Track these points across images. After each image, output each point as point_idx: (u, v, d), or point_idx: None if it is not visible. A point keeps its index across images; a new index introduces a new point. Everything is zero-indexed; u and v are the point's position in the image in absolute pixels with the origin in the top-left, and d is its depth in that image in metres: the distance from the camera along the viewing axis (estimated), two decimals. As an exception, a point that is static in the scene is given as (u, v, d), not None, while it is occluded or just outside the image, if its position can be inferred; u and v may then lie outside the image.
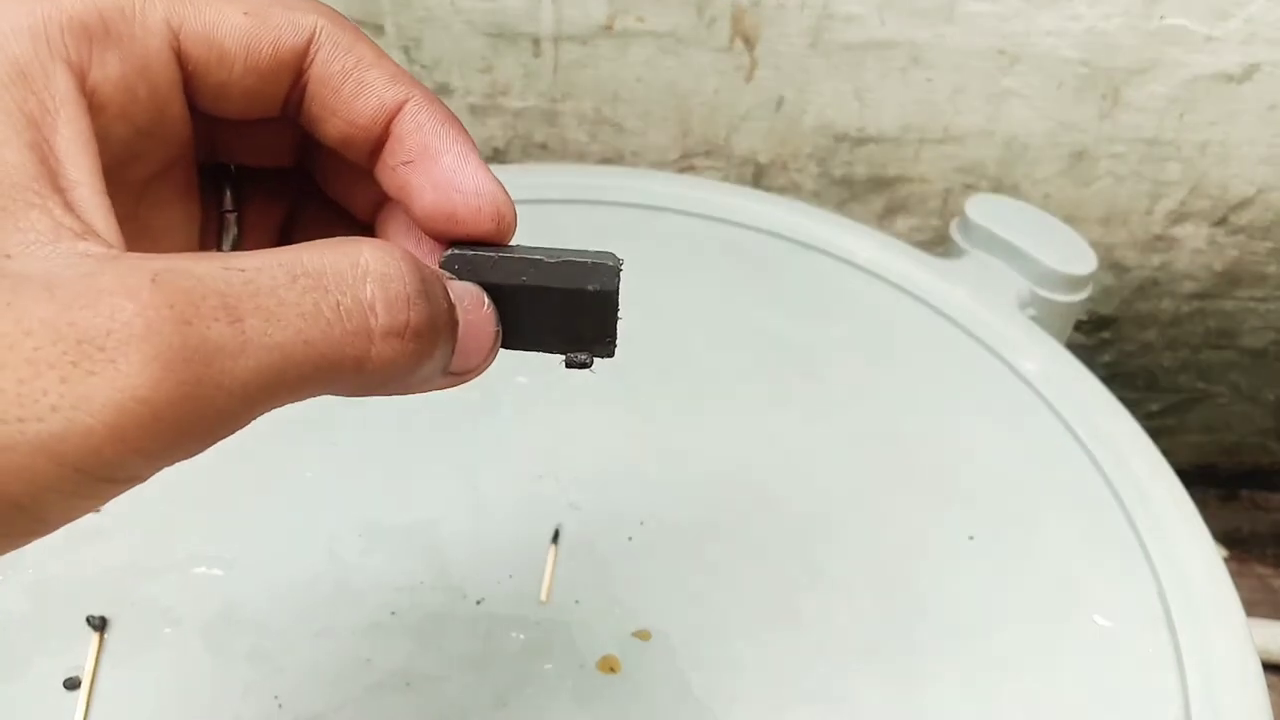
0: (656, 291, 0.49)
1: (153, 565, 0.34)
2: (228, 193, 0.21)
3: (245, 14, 0.17)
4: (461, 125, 0.19)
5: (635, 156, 0.67)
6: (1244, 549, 0.90)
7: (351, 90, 0.18)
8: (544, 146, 0.66)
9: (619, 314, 0.20)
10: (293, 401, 0.15)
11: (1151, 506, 0.40)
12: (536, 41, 0.60)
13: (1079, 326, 0.79)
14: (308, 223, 0.22)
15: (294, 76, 0.18)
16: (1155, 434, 0.44)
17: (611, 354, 0.20)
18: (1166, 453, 0.42)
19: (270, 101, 0.19)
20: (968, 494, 0.40)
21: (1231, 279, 0.76)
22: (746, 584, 0.36)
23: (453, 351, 0.18)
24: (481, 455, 0.40)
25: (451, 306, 0.17)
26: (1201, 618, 0.36)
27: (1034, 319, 0.50)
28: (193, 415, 0.14)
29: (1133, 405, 0.45)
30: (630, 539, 0.37)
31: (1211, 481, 0.94)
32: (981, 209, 0.54)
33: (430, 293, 0.17)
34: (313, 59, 0.18)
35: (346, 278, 0.15)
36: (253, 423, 0.15)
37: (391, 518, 0.37)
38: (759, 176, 0.69)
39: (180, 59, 0.17)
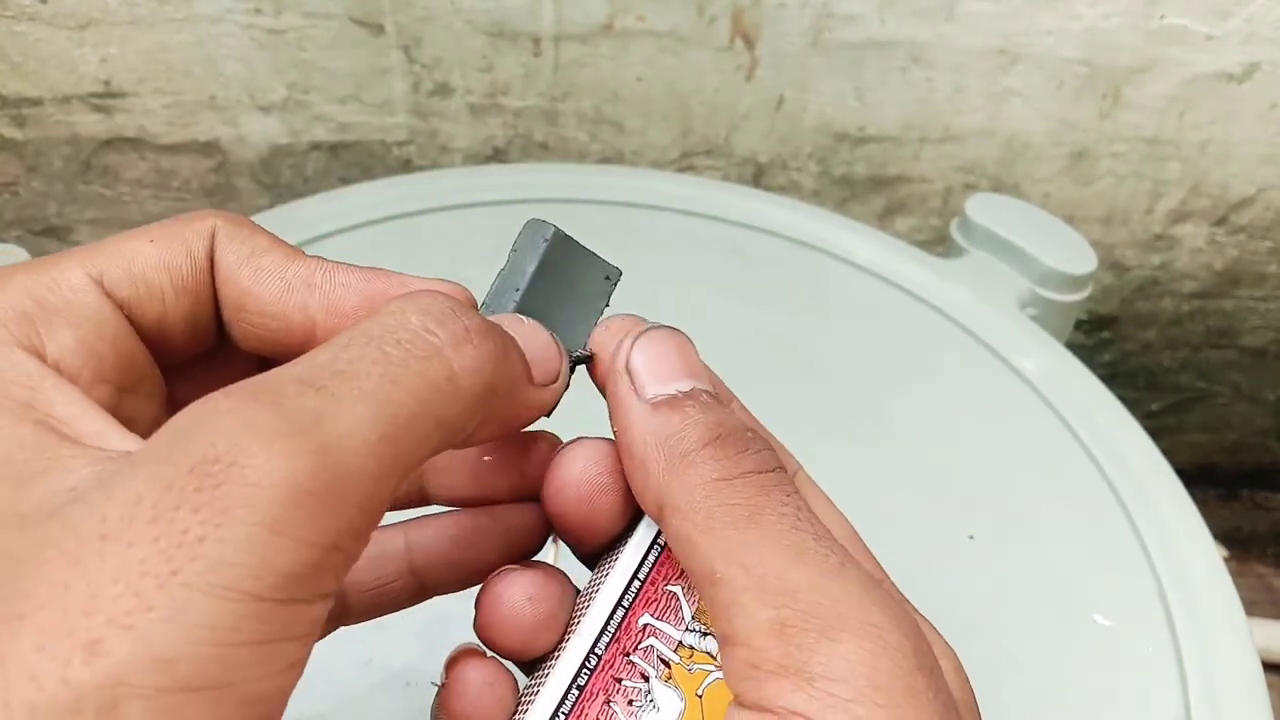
0: (657, 291, 0.49)
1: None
2: None
3: (152, 241, 0.18)
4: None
5: (635, 156, 0.67)
6: (1244, 549, 0.90)
7: (251, 276, 0.18)
8: (544, 146, 0.66)
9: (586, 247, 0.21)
10: (427, 450, 0.15)
11: (1151, 506, 0.40)
12: (537, 41, 0.60)
13: (1079, 326, 0.79)
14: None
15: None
16: (1155, 433, 0.44)
17: (618, 275, 0.22)
18: (1166, 452, 0.42)
19: (205, 329, 0.19)
20: (968, 494, 0.40)
21: (1232, 278, 0.76)
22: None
23: (523, 358, 0.18)
24: (481, 455, 0.39)
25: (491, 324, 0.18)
26: (1201, 618, 0.36)
27: (1034, 318, 0.50)
28: (335, 484, 0.13)
29: (1133, 405, 0.45)
30: (630, 539, 0.37)
31: (1212, 481, 0.94)
32: (982, 208, 0.54)
33: (465, 308, 0.17)
34: (216, 251, 0.18)
35: (390, 324, 0.15)
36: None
37: (392, 516, 0.36)
38: (759, 176, 0.69)
39: (117, 305, 0.17)
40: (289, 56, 0.60)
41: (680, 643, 0.18)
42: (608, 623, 0.18)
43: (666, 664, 0.18)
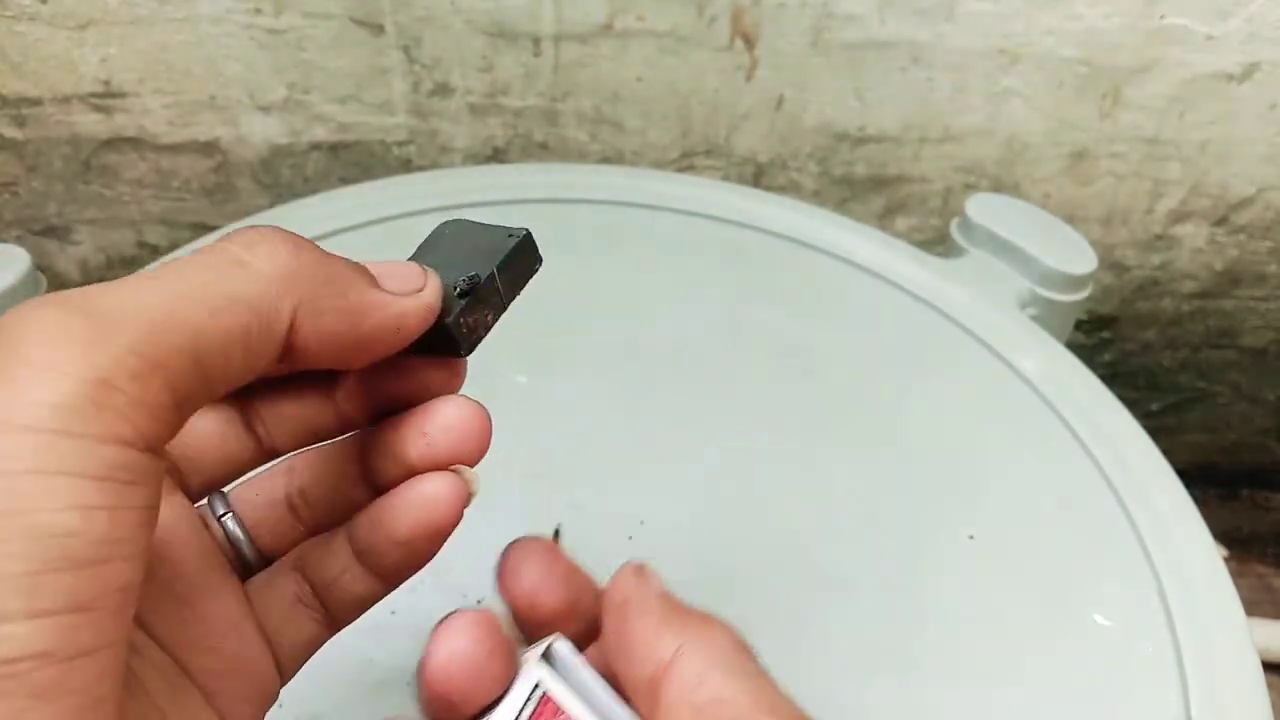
0: (657, 291, 0.49)
1: (153, 565, 0.34)
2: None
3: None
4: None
5: (635, 156, 0.67)
6: (1244, 548, 0.90)
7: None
8: (544, 146, 0.66)
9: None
10: (232, 322, 0.15)
11: (1151, 506, 0.40)
12: (537, 40, 0.60)
13: (1079, 326, 0.79)
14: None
15: None
16: (1155, 433, 0.44)
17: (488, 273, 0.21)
18: (1166, 452, 0.42)
19: None
20: (968, 494, 0.40)
21: (1232, 278, 0.76)
22: (745, 583, 0.36)
23: (355, 265, 0.18)
24: (481, 455, 0.39)
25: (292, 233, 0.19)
26: (1201, 618, 0.36)
27: (1034, 318, 0.50)
28: (96, 326, 0.14)
29: (1133, 405, 0.45)
30: (630, 538, 0.37)
31: (1211, 481, 0.94)
32: (982, 208, 0.54)
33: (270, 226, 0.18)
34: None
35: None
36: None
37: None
38: (759, 176, 0.69)
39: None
40: (289, 56, 0.60)
41: None
42: None
43: None
